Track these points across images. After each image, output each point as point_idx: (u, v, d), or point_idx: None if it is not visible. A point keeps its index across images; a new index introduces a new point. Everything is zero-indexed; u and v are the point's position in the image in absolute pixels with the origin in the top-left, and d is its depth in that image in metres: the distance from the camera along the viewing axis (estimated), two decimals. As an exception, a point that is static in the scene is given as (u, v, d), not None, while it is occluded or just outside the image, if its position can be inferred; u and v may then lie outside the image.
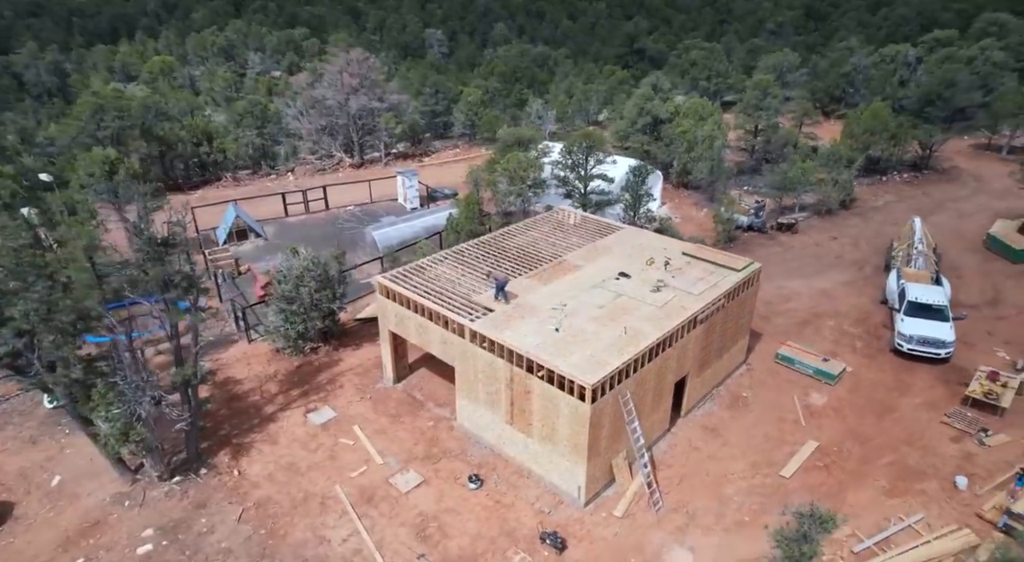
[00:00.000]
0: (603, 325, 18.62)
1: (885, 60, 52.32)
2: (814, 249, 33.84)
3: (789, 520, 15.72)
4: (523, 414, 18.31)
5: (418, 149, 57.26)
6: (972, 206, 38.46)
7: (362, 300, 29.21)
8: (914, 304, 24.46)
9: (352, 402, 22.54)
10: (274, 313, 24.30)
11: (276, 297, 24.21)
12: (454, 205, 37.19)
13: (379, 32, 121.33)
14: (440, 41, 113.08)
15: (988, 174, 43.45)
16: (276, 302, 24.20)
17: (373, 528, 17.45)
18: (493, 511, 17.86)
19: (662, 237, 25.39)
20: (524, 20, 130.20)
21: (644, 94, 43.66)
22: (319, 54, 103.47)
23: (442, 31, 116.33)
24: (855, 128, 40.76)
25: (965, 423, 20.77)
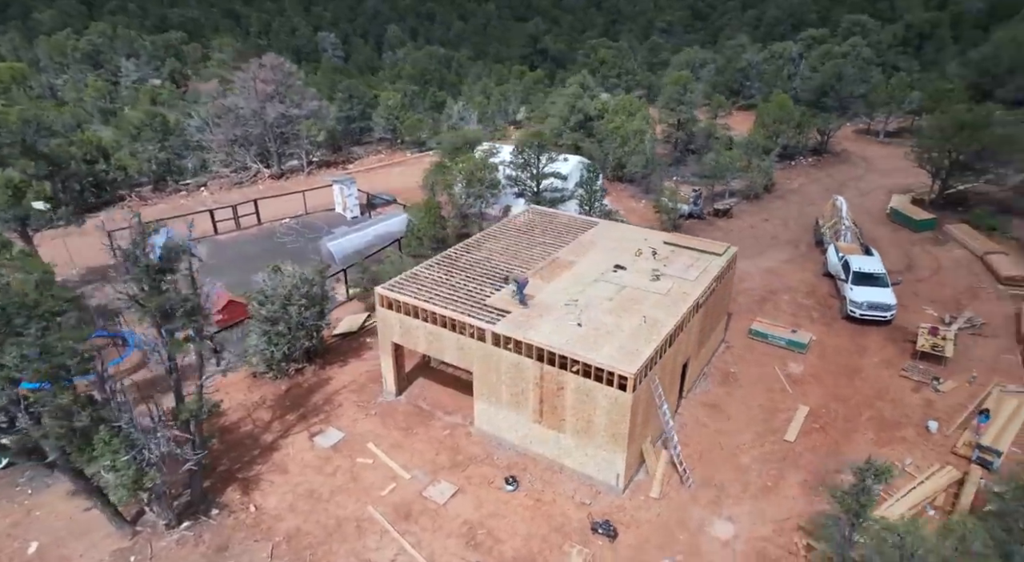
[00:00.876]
0: (619, 316, 19.30)
1: (774, 56, 57.29)
2: (750, 231, 36.55)
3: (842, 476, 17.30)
4: (554, 411, 18.60)
5: (340, 156, 55.49)
6: (868, 184, 43.11)
7: (332, 315, 28.09)
8: (859, 274, 27.24)
9: (357, 420, 21.77)
10: (257, 336, 22.89)
11: (258, 319, 22.83)
12: (403, 212, 36.61)
13: (265, 36, 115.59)
14: (334, 44, 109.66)
15: (872, 155, 48.84)
16: (259, 324, 22.82)
17: (420, 544, 17.08)
18: (536, 510, 18.05)
19: (639, 229, 26.53)
20: (415, 22, 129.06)
21: (574, 93, 44.98)
22: (203, 60, 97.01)
23: (335, 34, 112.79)
24: (765, 118, 44.35)
25: (920, 375, 23.50)
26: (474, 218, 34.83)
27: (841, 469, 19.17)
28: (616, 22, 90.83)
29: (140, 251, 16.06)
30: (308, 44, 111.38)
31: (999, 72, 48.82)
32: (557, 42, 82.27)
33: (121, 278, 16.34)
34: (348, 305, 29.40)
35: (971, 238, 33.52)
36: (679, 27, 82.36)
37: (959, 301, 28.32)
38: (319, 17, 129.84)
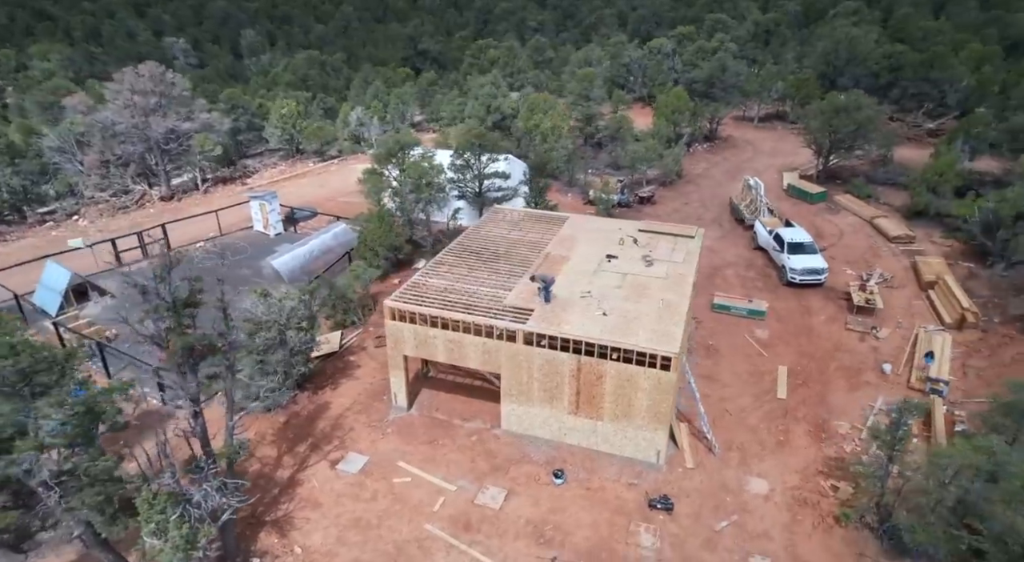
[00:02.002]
0: (634, 302, 20.28)
1: (653, 52, 61.61)
2: (676, 215, 39.31)
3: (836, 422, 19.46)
4: (591, 400, 19.20)
5: (235, 172, 51.69)
6: (759, 165, 47.92)
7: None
8: (792, 244, 30.51)
9: (376, 441, 20.92)
10: (250, 368, 21.13)
11: (249, 349, 21.07)
12: (338, 223, 35.18)
13: (95, 41, 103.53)
14: (185, 51, 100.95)
15: (753, 139, 54.31)
16: (249, 356, 21.08)
17: (490, 552, 16.97)
18: (590, 498, 18.57)
19: (609, 220, 27.73)
20: (272, 26, 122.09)
21: (489, 92, 45.46)
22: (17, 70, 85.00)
23: (184, 40, 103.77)
24: (664, 109, 47.70)
25: (862, 326, 26.95)
26: (421, 224, 34.34)
27: (832, 416, 21.66)
28: (488, 22, 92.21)
29: (164, 285, 14.48)
30: (154, 51, 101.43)
31: (840, 64, 56.34)
32: (438, 43, 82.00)
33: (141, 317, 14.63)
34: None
35: (857, 206, 38.63)
36: (551, 26, 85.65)
37: (866, 260, 32.64)
38: (158, 20, 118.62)
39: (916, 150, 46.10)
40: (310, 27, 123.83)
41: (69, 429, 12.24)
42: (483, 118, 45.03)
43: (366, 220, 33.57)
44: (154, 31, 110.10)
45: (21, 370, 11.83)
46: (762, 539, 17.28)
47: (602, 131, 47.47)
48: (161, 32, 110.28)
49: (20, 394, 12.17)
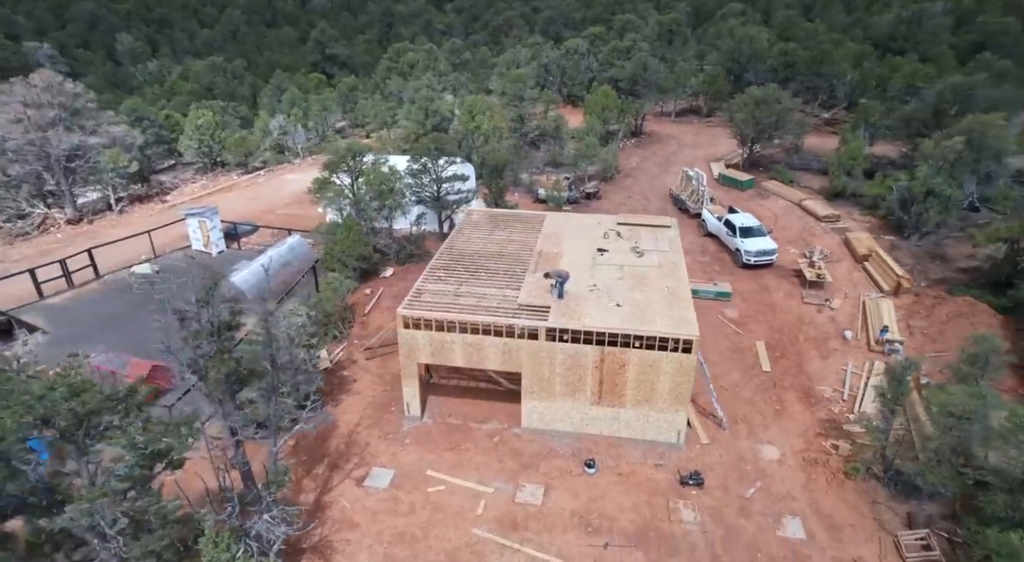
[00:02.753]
0: (641, 292, 21.16)
1: (570, 52, 63.45)
2: (623, 208, 40.86)
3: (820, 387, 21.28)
4: (614, 389, 19.84)
5: (151, 188, 47.97)
6: (686, 157, 50.74)
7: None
8: (743, 228, 32.76)
9: (396, 452, 20.45)
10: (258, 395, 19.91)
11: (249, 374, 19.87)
12: (290, 236, 33.75)
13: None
14: (51, 57, 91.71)
15: (674, 133, 57.33)
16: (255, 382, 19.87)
17: (543, 547, 17.20)
18: (624, 482, 19.22)
19: (586, 215, 28.48)
20: (150, 30, 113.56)
21: (426, 95, 45.02)
22: None
23: (48, 45, 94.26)
24: (594, 107, 49.38)
25: (817, 299, 29.48)
26: (383, 232, 33.61)
27: (814, 382, 23.66)
28: (392, 25, 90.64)
29: (209, 309, 13.56)
30: (13, 58, 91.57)
31: (743, 61, 60.76)
32: (346, 47, 79.71)
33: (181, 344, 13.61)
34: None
35: (783, 190, 41.98)
36: (459, 28, 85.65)
37: (804, 239, 35.62)
38: (9, 22, 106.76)
39: (817, 138, 50.59)
40: (194, 32, 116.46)
41: (136, 472, 11.15)
42: (422, 122, 44.56)
43: (327, 231, 32.46)
44: (7, 35, 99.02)
45: (76, 412, 10.62)
46: (787, 500, 18.67)
47: (535, 131, 48.37)
48: (17, 36, 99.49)
49: (72, 439, 10.93)
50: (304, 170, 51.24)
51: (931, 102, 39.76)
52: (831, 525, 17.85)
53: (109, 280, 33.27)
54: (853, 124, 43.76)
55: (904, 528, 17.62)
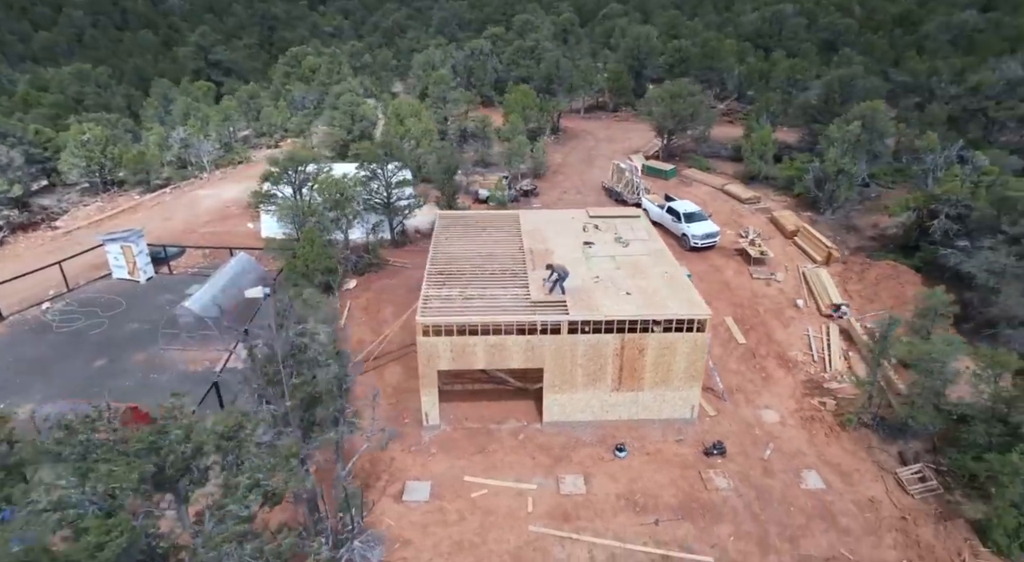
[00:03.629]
0: (642, 279, 22.19)
1: (475, 53, 63.80)
2: (562, 203, 42.09)
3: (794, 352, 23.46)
4: (633, 374, 20.70)
5: (34, 215, 42.69)
6: (605, 151, 52.89)
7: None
8: (687, 214, 34.96)
9: (426, 463, 20.04)
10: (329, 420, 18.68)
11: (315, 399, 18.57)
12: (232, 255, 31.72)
13: None
14: None
15: (588, 128, 59.42)
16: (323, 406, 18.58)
17: (600, 533, 17.71)
18: (654, 461, 20.15)
19: (556, 211, 29.12)
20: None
21: (350, 100, 43.55)
22: None
23: None
24: (515, 106, 50.18)
25: (764, 274, 32.17)
26: (339, 243, 32.35)
27: (784, 348, 25.96)
28: (274, 29, 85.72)
29: (284, 332, 12.74)
30: None
31: (642, 57, 64.33)
32: (231, 53, 74.61)
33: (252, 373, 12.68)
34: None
35: (703, 177, 45.12)
36: (349, 30, 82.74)
37: (735, 221, 38.59)
38: None
39: (717, 128, 54.74)
40: (27, 34, 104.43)
41: (249, 512, 10.26)
42: (349, 128, 43.13)
43: (282, 246, 30.74)
44: None
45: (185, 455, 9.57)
46: (799, 456, 20.46)
47: (460, 132, 48.45)
48: None
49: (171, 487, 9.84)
50: (215, 185, 47.90)
51: (823, 92, 44.42)
52: (841, 472, 19.83)
53: (16, 321, 29.53)
54: (756, 113, 47.80)
55: (899, 465, 19.95)
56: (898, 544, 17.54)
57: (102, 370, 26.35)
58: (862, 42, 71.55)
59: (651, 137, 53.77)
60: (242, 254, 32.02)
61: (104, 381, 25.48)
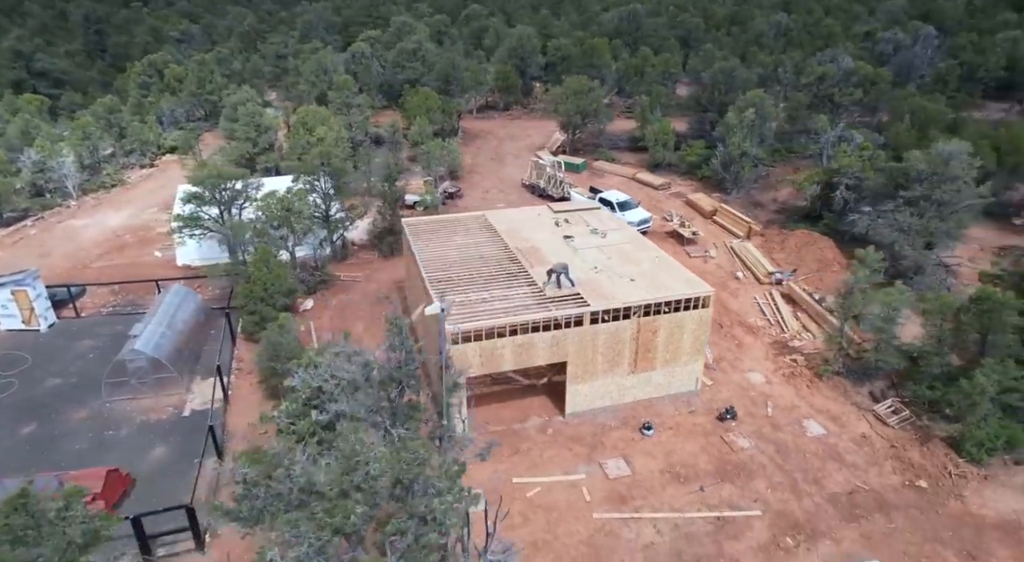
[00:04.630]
0: (634, 265, 23.35)
1: (355, 56, 61.68)
2: (486, 202, 42.45)
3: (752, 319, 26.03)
4: (647, 355, 21.81)
5: None
6: (510, 149, 53.88)
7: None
8: (620, 203, 36.94)
9: (469, 473, 19.57)
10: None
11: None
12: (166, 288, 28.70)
13: None
14: None
15: (485, 128, 59.93)
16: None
17: (657, 507, 18.62)
18: (677, 434, 21.43)
19: (523, 209, 29.47)
20: None
21: (250, 110, 40.42)
22: None
23: None
24: (418, 109, 49.55)
25: (699, 253, 34.92)
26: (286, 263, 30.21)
27: (743, 316, 28.58)
28: (103, 34, 75.43)
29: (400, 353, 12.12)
30: None
31: (526, 56, 66.27)
32: (59, 60, 64.98)
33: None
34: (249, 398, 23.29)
35: (613, 168, 47.67)
36: (200, 35, 75.26)
37: (656, 206, 41.30)
38: None
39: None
40: None
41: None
42: (255, 139, 40.12)
43: (228, 271, 28.13)
44: None
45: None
46: (795, 409, 22.79)
47: (369, 137, 47.06)
48: None
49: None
50: (91, 213, 42.52)
51: (709, 83, 48.72)
52: (832, 417, 22.41)
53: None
54: (650, 106, 51.18)
55: (873, 403, 22.95)
56: (896, 469, 20.28)
57: (35, 437, 22.67)
58: (709, 39, 78.91)
59: (550, 134, 55.74)
60: (177, 286, 28.87)
61: (43, 449, 22.03)
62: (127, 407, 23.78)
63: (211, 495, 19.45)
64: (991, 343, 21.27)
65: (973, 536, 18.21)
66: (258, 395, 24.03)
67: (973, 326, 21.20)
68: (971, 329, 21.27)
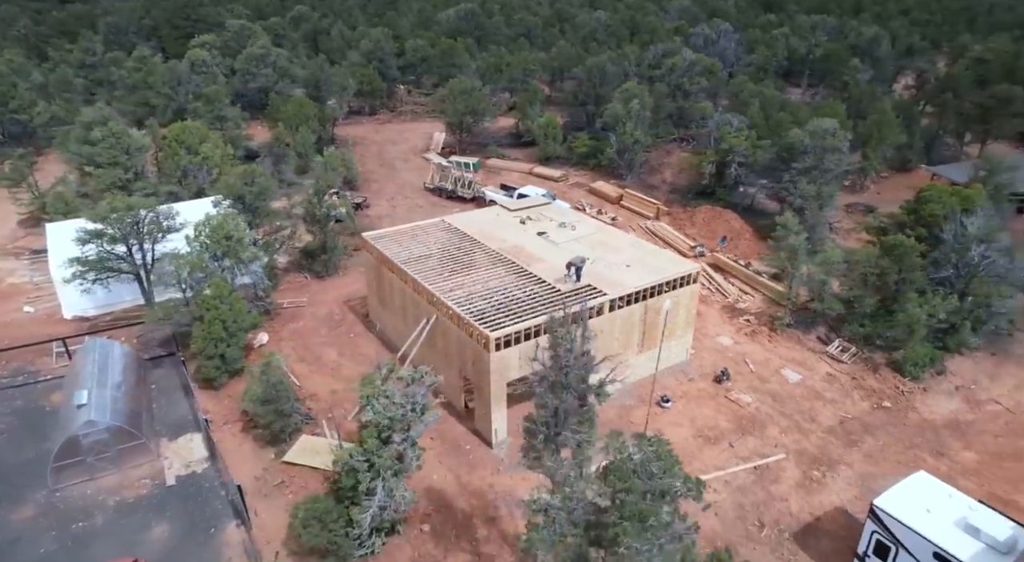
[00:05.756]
0: (618, 253, 24.67)
1: (195, 65, 55.43)
2: (399, 211, 41.32)
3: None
4: (652, 333, 23.26)
5: None
6: (394, 153, 52.35)
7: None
8: (523, 195, 38.14)
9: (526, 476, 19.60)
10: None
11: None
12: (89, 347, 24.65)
13: None
14: None
15: (360, 134, 57.22)
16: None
17: (704, 469, 20.20)
18: (689, 400, 23.30)
19: (476, 212, 29.30)
20: None
21: (117, 130, 34.88)
22: None
23: None
24: (291, 120, 46.35)
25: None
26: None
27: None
28: None
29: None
30: None
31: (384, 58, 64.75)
32: None
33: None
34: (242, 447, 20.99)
35: (507, 164, 48.71)
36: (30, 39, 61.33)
37: (564, 197, 43.02)
38: None
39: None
40: None
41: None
42: (125, 164, 34.87)
43: (168, 314, 24.49)
44: None
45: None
46: (769, 362, 25.73)
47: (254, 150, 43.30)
48: None
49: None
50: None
51: (585, 78, 51.50)
52: (799, 363, 25.72)
53: None
54: (528, 101, 52.80)
55: (824, 345, 26.69)
56: (863, 396, 23.95)
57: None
58: (546, 35, 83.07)
59: (429, 135, 55.35)
60: (98, 340, 24.61)
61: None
62: (86, 491, 20.04)
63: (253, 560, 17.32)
64: (905, 280, 25.83)
65: (934, 437, 22.23)
66: (249, 445, 21.57)
67: (893, 268, 25.57)
68: (892, 271, 25.63)
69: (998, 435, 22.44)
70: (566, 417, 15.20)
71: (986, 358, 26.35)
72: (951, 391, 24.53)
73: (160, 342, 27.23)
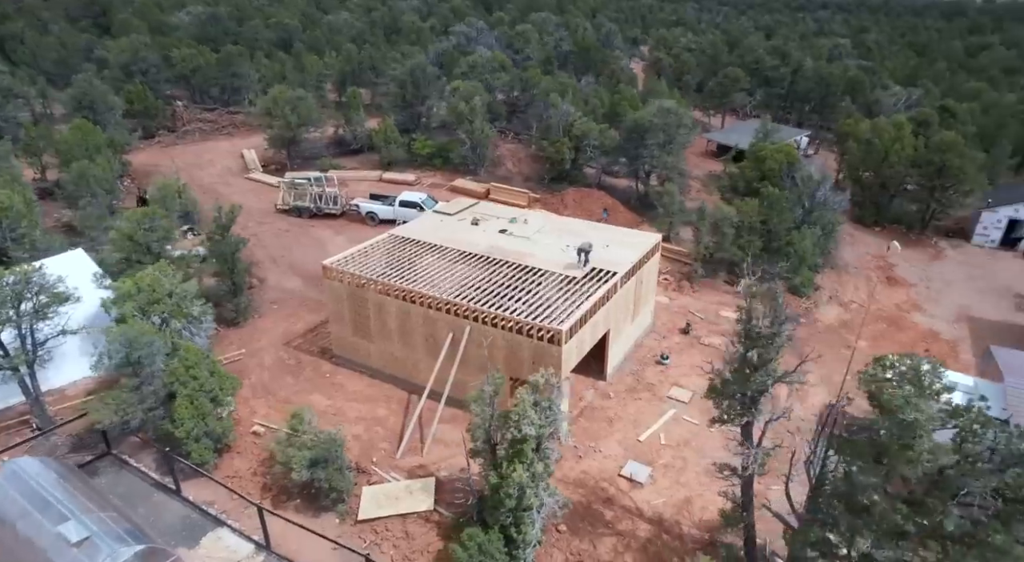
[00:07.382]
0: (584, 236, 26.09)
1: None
2: (263, 241, 37.11)
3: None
4: (637, 303, 25.51)
5: None
6: (205, 179, 45.22)
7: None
8: (424, 202, 37.60)
9: (602, 450, 20.44)
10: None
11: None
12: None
13: None
14: None
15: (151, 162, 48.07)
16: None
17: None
18: (682, 355, 26.20)
19: (418, 221, 27.96)
20: None
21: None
22: None
23: None
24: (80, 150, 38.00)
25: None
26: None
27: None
28: None
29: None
30: None
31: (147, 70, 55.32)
32: None
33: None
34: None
35: (350, 174, 46.21)
36: None
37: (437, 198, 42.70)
38: None
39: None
40: None
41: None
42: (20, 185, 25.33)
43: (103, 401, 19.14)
44: None
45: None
46: (705, 308, 29.89)
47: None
48: None
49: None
50: None
51: (407, 80, 50.71)
52: (726, 304, 30.36)
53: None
54: (352, 107, 50.25)
55: (733, 287, 31.85)
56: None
57: None
58: (307, 38, 79.24)
59: (235, 153, 49.84)
60: (16, 460, 18.04)
61: None
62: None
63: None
64: (782, 222, 32.13)
65: (837, 336, 28.54)
66: (299, 518, 18.49)
67: (774, 214, 31.62)
68: (771, 215, 31.67)
69: (869, 324, 29.68)
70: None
71: (828, 272, 34.16)
72: (828, 301, 31.51)
73: (71, 446, 21.16)
